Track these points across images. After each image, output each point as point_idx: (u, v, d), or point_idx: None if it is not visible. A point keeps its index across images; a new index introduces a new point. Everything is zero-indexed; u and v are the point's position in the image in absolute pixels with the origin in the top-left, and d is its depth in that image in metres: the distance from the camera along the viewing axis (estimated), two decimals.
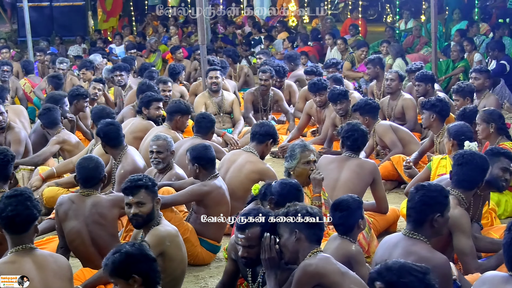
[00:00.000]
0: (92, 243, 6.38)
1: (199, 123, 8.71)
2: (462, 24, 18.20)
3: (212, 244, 7.05)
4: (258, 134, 7.87)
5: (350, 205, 5.52)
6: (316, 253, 4.85)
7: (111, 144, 7.87)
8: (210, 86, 11.60)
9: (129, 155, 7.84)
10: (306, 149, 6.78)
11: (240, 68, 15.00)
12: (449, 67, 14.44)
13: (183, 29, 22.47)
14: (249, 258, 5.22)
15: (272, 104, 12.15)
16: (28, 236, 4.96)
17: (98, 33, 23.25)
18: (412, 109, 10.56)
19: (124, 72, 12.65)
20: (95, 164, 6.52)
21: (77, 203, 6.40)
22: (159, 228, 5.69)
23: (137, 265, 4.44)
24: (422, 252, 4.82)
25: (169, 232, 5.72)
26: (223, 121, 11.63)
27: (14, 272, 4.80)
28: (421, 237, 4.93)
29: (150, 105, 9.58)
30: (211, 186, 6.86)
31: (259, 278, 5.33)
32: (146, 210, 5.70)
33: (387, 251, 4.96)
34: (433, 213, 4.94)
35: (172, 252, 5.69)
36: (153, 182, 5.84)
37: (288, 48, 18.14)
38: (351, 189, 7.00)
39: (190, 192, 6.89)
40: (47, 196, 8.28)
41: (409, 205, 5.07)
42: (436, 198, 4.97)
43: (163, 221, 5.80)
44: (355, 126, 7.57)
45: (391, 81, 10.87)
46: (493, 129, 7.96)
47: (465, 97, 9.80)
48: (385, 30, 19.61)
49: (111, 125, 7.96)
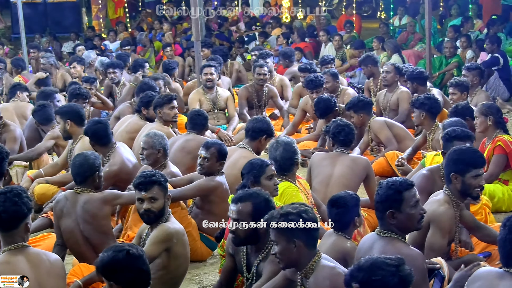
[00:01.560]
0: (85, 242, 6.38)
1: (194, 120, 8.70)
2: (459, 20, 18.23)
3: (211, 240, 7.06)
4: (251, 130, 7.87)
5: (347, 202, 5.52)
6: (318, 260, 4.72)
7: (100, 143, 7.87)
8: (205, 83, 11.59)
9: (118, 153, 7.84)
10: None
11: (231, 65, 14.98)
12: (442, 63, 14.46)
13: (177, 26, 22.44)
14: (237, 235, 5.23)
15: (267, 100, 12.15)
16: (18, 233, 4.89)
17: (92, 30, 23.22)
18: (406, 102, 10.56)
19: (118, 69, 12.62)
20: (80, 161, 6.47)
21: (71, 201, 6.40)
22: (168, 225, 5.69)
23: (119, 274, 4.30)
24: (396, 250, 4.72)
25: (177, 230, 5.72)
26: (217, 118, 11.62)
27: (8, 271, 4.77)
28: (394, 234, 4.89)
29: (150, 105, 9.48)
30: (217, 182, 6.91)
31: (253, 268, 5.32)
32: (158, 206, 5.70)
33: (366, 253, 4.87)
34: (386, 210, 4.89)
35: (177, 250, 5.69)
36: (165, 178, 5.85)
37: (283, 44, 18.14)
38: (345, 185, 7.03)
39: (197, 187, 6.95)
40: (38, 193, 8.26)
41: None
42: (387, 195, 4.90)
43: (171, 218, 5.80)
44: (342, 121, 7.67)
45: (387, 73, 10.92)
46: (491, 122, 7.99)
47: (463, 92, 9.85)
48: (379, 26, 19.63)
49: (99, 123, 7.96)
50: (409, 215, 4.91)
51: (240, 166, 7.44)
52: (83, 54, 15.76)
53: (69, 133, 8.40)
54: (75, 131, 8.39)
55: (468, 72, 10.75)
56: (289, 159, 6.71)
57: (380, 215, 4.94)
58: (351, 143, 7.71)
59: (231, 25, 22.15)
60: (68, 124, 8.33)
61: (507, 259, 4.27)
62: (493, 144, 7.89)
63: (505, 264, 4.28)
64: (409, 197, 4.91)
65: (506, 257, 4.28)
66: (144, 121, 9.48)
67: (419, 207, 4.99)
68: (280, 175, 6.66)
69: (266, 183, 6.06)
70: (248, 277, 5.39)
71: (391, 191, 4.90)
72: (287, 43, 18.28)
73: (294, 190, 6.60)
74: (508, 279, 4.22)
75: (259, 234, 5.22)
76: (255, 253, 5.33)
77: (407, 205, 4.90)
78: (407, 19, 19.91)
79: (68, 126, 8.34)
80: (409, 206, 4.90)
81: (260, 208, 5.18)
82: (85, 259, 6.38)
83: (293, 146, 6.79)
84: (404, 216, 4.89)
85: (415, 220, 4.96)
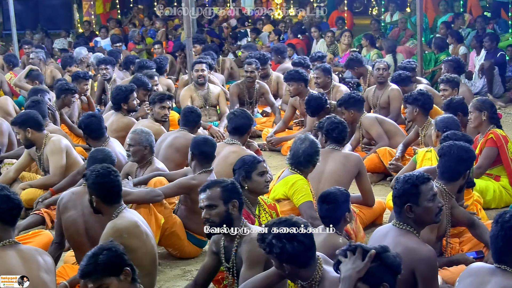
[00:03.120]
0: (86, 233, 6.33)
1: (187, 117, 8.68)
2: (447, 16, 18.27)
3: (198, 238, 7.03)
4: (235, 128, 7.94)
5: (338, 198, 5.54)
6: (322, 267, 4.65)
7: (93, 136, 7.93)
8: (196, 79, 11.59)
9: (111, 147, 7.83)
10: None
11: (223, 62, 14.97)
12: (432, 60, 14.50)
13: (168, 22, 22.42)
14: (211, 221, 5.26)
15: (258, 97, 12.14)
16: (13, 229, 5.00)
17: (88, 24, 23.16)
18: (398, 100, 10.57)
19: (110, 65, 12.57)
20: (103, 157, 6.46)
21: (77, 194, 6.35)
22: (114, 221, 5.58)
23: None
24: (409, 243, 4.82)
25: (125, 225, 5.56)
26: (209, 114, 11.61)
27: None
28: (409, 228, 4.94)
29: (129, 98, 9.61)
30: (200, 180, 6.73)
31: (232, 256, 5.33)
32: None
33: (377, 241, 4.96)
34: (404, 204, 4.94)
35: (131, 243, 5.51)
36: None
37: (275, 41, 18.14)
38: (337, 181, 7.04)
39: (178, 185, 6.86)
40: (26, 198, 8.03)
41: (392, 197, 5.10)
42: (404, 189, 4.96)
43: (121, 214, 5.66)
44: (336, 118, 7.70)
45: (383, 70, 10.90)
46: (485, 117, 8.01)
47: (454, 88, 9.89)
48: (370, 23, 19.64)
49: (92, 117, 8.02)
50: (426, 209, 4.97)
51: (230, 162, 7.45)
52: (75, 51, 15.72)
53: (31, 141, 8.35)
54: (36, 138, 8.34)
55: (446, 85, 10.13)
56: (310, 155, 6.80)
57: (398, 210, 4.99)
58: (343, 141, 7.74)
59: (222, 22, 22.13)
60: (28, 132, 8.28)
61: (499, 255, 4.28)
62: (485, 137, 7.92)
63: (496, 260, 4.29)
64: (426, 191, 4.97)
65: (497, 253, 4.29)
66: (128, 117, 9.50)
67: (436, 201, 5.05)
68: (296, 168, 6.80)
69: (257, 179, 6.09)
70: (229, 266, 5.39)
71: (408, 185, 4.96)
72: (278, 39, 18.29)
73: (305, 183, 6.72)
74: (499, 275, 4.23)
75: (233, 219, 5.28)
76: (230, 243, 5.35)
77: (424, 199, 4.96)
78: (398, 15, 19.94)
79: (29, 134, 8.28)
80: (426, 200, 4.96)
81: (228, 190, 5.28)
82: (81, 250, 6.30)
83: (318, 147, 6.90)
84: (422, 210, 4.96)
85: (432, 214, 5.02)
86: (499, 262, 4.28)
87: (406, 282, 4.66)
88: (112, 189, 5.62)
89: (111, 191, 5.63)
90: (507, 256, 4.24)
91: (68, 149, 8.31)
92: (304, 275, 4.60)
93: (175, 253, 7.08)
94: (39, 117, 8.45)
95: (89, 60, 14.85)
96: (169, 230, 6.88)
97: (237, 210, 5.30)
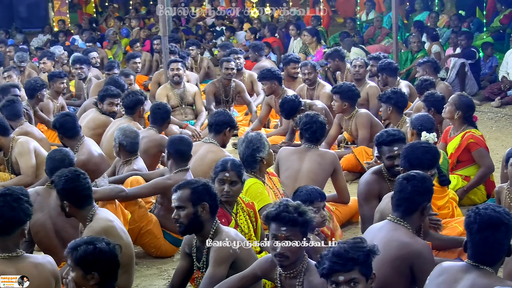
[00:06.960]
0: (56, 235, 6.33)
1: (155, 114, 8.64)
2: (424, 14, 18.34)
3: (174, 237, 7.02)
4: (214, 124, 7.86)
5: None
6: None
7: (68, 135, 7.91)
8: (172, 78, 11.58)
9: (85, 145, 7.88)
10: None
11: (200, 60, 14.97)
12: (408, 59, 14.56)
13: (145, 21, 22.35)
14: (180, 222, 5.26)
15: (234, 95, 12.13)
16: (12, 239, 4.80)
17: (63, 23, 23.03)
18: (376, 97, 10.57)
19: (85, 65, 12.51)
20: (61, 157, 6.46)
21: (43, 195, 6.35)
22: (92, 225, 5.53)
23: (102, 264, 4.40)
24: (403, 237, 4.85)
25: (102, 227, 5.52)
26: (185, 113, 11.60)
27: None
28: (405, 223, 4.95)
29: (105, 99, 9.53)
30: (175, 179, 6.66)
31: (203, 257, 5.33)
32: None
33: (371, 234, 5.00)
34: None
35: None
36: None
37: (251, 39, 18.13)
38: (313, 180, 7.05)
39: (153, 185, 6.84)
40: None
41: (400, 195, 5.04)
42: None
43: (95, 216, 5.60)
44: (313, 117, 7.60)
45: (360, 67, 10.92)
46: (458, 116, 8.02)
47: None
48: (345, 21, 19.65)
49: (67, 116, 8.01)
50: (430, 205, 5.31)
51: (208, 161, 7.46)
52: (50, 49, 15.62)
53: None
54: (3, 143, 8.27)
55: (419, 67, 10.80)
56: (251, 155, 6.70)
57: (413, 207, 5.01)
58: (318, 141, 7.64)
59: (199, 21, 22.09)
60: None
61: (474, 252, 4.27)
62: (464, 140, 7.94)
63: (470, 256, 4.29)
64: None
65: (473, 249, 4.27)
66: (105, 115, 9.47)
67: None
68: (248, 171, 6.66)
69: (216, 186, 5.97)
70: (199, 266, 5.40)
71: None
72: (255, 38, 18.27)
73: (259, 187, 6.59)
74: (473, 272, 4.23)
75: (202, 221, 5.26)
76: (201, 244, 5.35)
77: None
78: (374, 14, 19.99)
79: None
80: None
81: (198, 192, 5.24)
82: (54, 253, 6.26)
83: (256, 143, 6.74)
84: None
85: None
86: (473, 258, 4.27)
87: (404, 276, 4.74)
88: (82, 192, 5.55)
89: (82, 195, 5.55)
90: (484, 254, 4.24)
91: (37, 149, 8.25)
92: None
93: (152, 251, 7.07)
94: (4, 122, 8.38)
95: (63, 59, 14.78)
96: (145, 228, 6.90)
97: (208, 213, 5.26)
